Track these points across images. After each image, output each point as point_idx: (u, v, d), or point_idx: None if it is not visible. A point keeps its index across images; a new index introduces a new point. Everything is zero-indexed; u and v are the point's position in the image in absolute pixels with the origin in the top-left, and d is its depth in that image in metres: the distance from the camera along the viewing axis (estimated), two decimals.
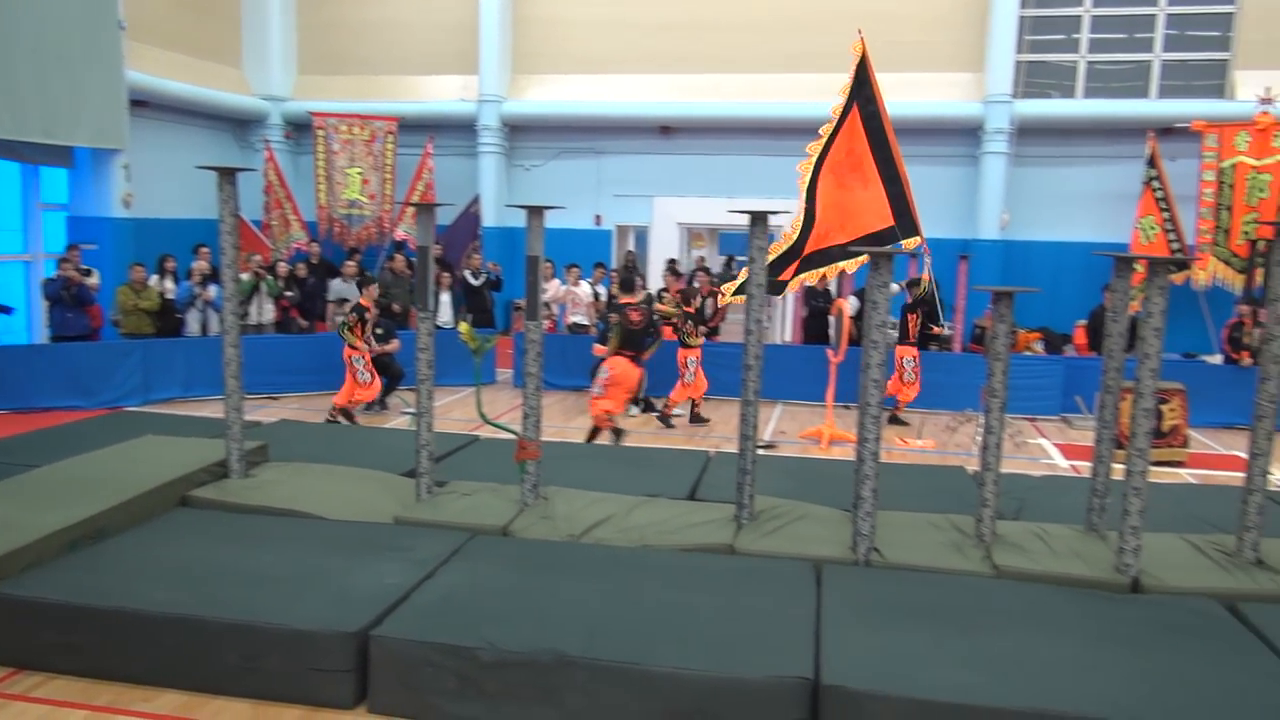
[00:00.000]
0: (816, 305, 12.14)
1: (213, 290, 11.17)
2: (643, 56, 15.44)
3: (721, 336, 12.06)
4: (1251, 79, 13.23)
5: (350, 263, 12.79)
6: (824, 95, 14.53)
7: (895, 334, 10.71)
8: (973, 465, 7.04)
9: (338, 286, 12.45)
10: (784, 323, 14.28)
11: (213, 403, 9.54)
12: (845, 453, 8.66)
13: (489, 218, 15.18)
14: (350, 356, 9.84)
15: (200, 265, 11.36)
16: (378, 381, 10.08)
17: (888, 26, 14.60)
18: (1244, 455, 5.21)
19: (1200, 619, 4.43)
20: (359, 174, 15.11)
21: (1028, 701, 3.64)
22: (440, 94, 15.94)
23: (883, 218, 9.35)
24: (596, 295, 12.63)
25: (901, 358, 10.36)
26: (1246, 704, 3.67)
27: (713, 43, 15.17)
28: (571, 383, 11.52)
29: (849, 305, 10.12)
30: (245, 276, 11.29)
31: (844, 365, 9.52)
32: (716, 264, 19.40)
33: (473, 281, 12.94)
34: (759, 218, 5.42)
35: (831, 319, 10.83)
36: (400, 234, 14.74)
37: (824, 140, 9.60)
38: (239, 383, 5.98)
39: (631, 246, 16.11)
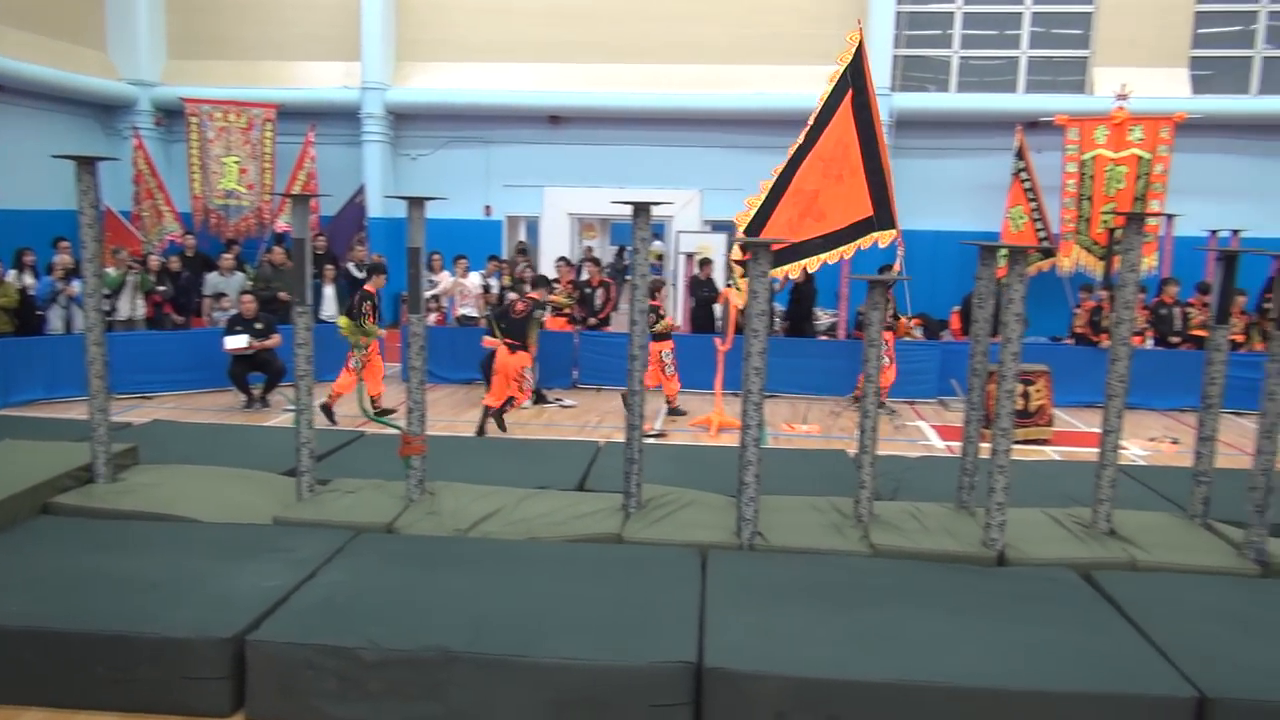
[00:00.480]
0: (703, 295, 12.30)
1: (76, 285, 10.60)
2: (531, 45, 15.33)
3: (611, 327, 12.11)
4: (1109, 76, 14.00)
5: (228, 255, 12.33)
6: (713, 86, 14.85)
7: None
8: (854, 449, 7.28)
9: (214, 280, 11.99)
10: (677, 312, 14.42)
11: (79, 404, 9.08)
12: (734, 440, 8.81)
13: (375, 208, 14.85)
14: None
15: (63, 260, 10.76)
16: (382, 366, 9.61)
17: (771, 19, 14.93)
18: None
19: (1058, 587, 4.70)
20: (236, 163, 14.57)
21: (898, 673, 3.80)
22: (321, 80, 15.49)
23: (862, 208, 9.49)
24: (486, 287, 12.51)
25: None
26: (1097, 664, 3.91)
27: (603, 32, 15.18)
28: (461, 376, 11.39)
29: (734, 295, 10.27)
30: (112, 271, 10.76)
31: (732, 353, 9.68)
32: (608, 254, 19.43)
33: (357, 274, 12.64)
34: (641, 209, 5.46)
35: (718, 308, 11.01)
36: (281, 225, 14.27)
37: (809, 128, 9.72)
38: (104, 382, 5.71)
39: (523, 237, 16.00)
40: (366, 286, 9.63)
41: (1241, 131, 14.22)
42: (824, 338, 12.73)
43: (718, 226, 14.94)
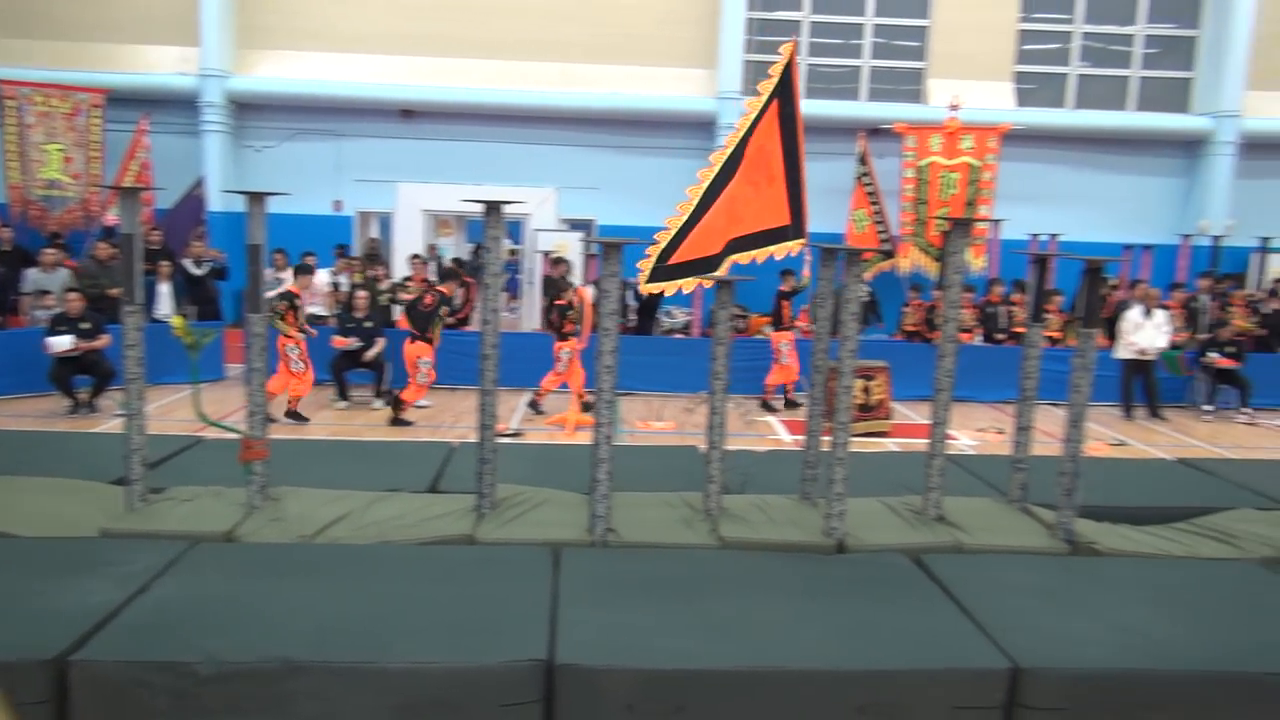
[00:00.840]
0: (557, 294, 12.31)
1: None
2: (383, 36, 14.99)
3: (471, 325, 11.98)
4: (943, 87, 14.85)
5: (50, 250, 11.53)
6: (568, 84, 14.89)
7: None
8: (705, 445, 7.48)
9: (34, 276, 11.18)
10: (534, 311, 14.39)
11: None
12: (590, 437, 8.89)
13: (216, 201, 14.17)
14: (285, 346, 9.47)
15: None
16: (311, 369, 9.77)
17: (625, 19, 15.09)
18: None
19: (891, 572, 4.97)
20: (60, 151, 13.62)
21: (743, 660, 3.94)
22: (156, 65, 14.68)
23: (780, 216, 9.69)
24: (336, 285, 12.14)
25: (777, 343, 11.00)
26: (924, 642, 4.16)
27: (457, 26, 14.98)
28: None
29: (589, 293, 10.36)
30: None
31: (589, 352, 9.76)
32: (465, 252, 19.19)
33: (194, 271, 12.04)
34: (493, 207, 5.44)
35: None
36: (111, 218, 13.43)
37: (739, 136, 9.90)
38: None
39: (375, 233, 15.61)
40: (290, 287, 9.70)
41: (1060, 143, 15.35)
42: (678, 335, 12.99)
43: (574, 225, 15.00)
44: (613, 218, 15.15)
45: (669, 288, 9.96)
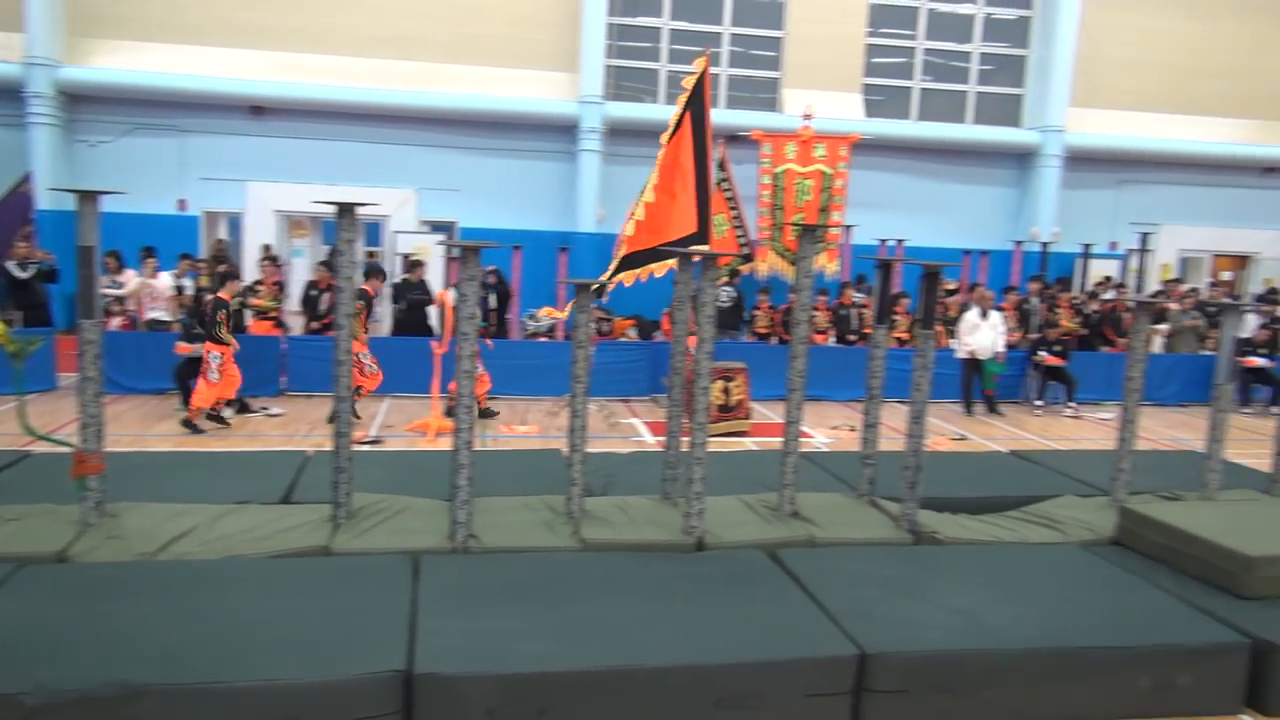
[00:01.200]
0: (414, 298, 12.11)
1: None
2: (230, 28, 14.35)
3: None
4: (797, 97, 15.36)
5: None
6: (427, 84, 14.63)
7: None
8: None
9: None
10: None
11: None
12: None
13: (44, 199, 13.23)
14: (209, 353, 9.21)
15: None
16: (229, 375, 9.48)
17: (485, 19, 14.96)
18: (802, 427, 6.06)
19: (748, 567, 5.14)
20: None
21: (604, 660, 3.99)
22: None
23: (689, 225, 10.04)
24: (179, 289, 11.56)
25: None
26: (778, 633, 4.31)
27: (309, 20, 14.50)
28: (152, 385, 10.48)
29: (451, 296, 10.22)
30: None
31: (450, 356, 9.64)
32: (322, 253, 18.55)
33: (19, 274, 11.22)
34: (346, 209, 5.32)
35: (434, 310, 10.89)
36: None
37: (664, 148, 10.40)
38: None
39: (223, 234, 14.92)
40: (221, 294, 9.42)
41: (905, 153, 16.11)
42: (543, 339, 12.98)
43: (435, 227, 14.76)
44: (475, 220, 14.98)
45: (627, 278, 10.20)
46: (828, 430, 10.55)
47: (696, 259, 5.80)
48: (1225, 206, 17.39)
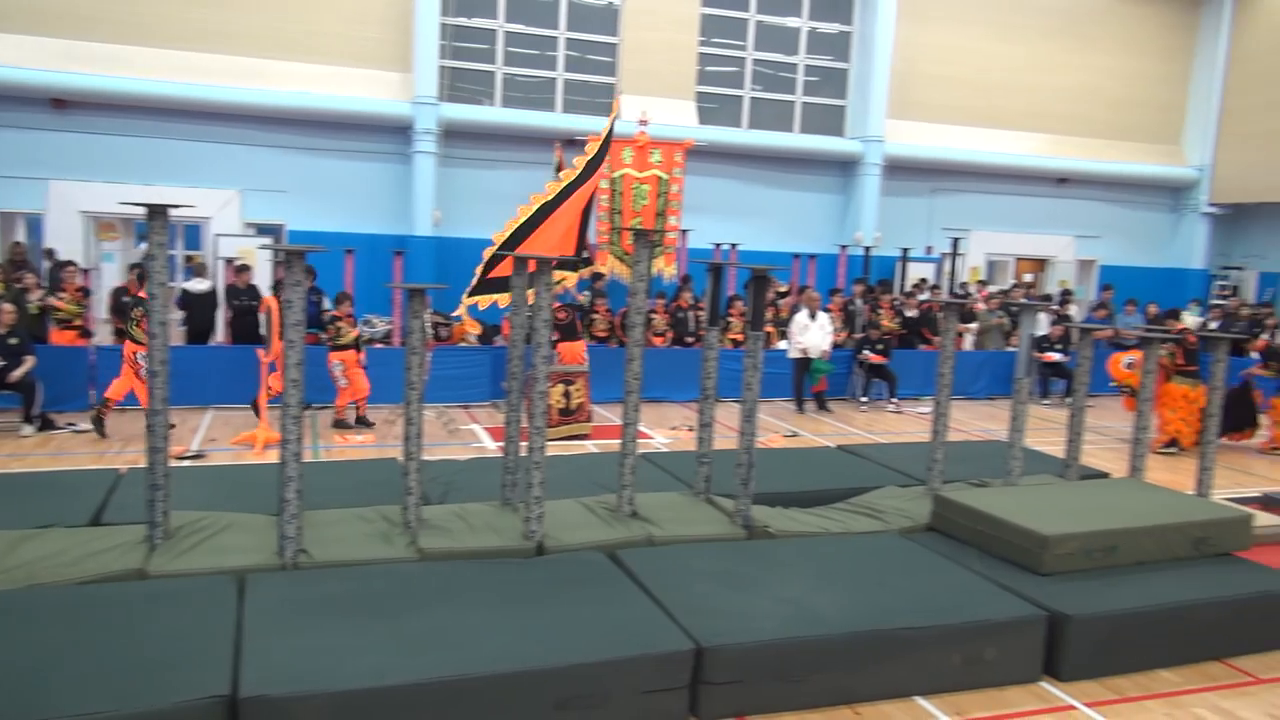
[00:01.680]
0: (241, 304, 11.56)
1: None
2: (27, 13, 13.25)
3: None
4: (633, 103, 15.56)
5: None
6: (250, 80, 13.98)
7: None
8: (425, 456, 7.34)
9: None
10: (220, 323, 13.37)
11: None
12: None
13: None
14: (135, 353, 8.89)
15: None
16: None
17: (310, 14, 14.44)
18: (642, 428, 6.15)
19: (588, 569, 5.18)
20: None
21: (440, 671, 3.94)
22: None
23: (570, 248, 11.24)
24: None
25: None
26: (618, 632, 4.37)
27: (117, 8, 13.56)
28: None
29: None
30: None
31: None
32: (136, 256, 17.41)
33: None
34: (157, 210, 5.02)
35: (262, 317, 10.41)
36: None
37: (576, 173, 11.39)
38: None
39: (21, 237, 13.75)
40: (140, 293, 9.27)
41: (738, 159, 16.64)
42: (379, 345, 12.62)
43: (261, 230, 14.13)
44: (304, 223, 14.43)
45: (483, 301, 10.48)
46: (667, 431, 10.75)
47: (532, 260, 5.80)
48: (1026, 214, 18.86)
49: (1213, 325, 15.10)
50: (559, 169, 14.40)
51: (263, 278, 12.78)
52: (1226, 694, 4.88)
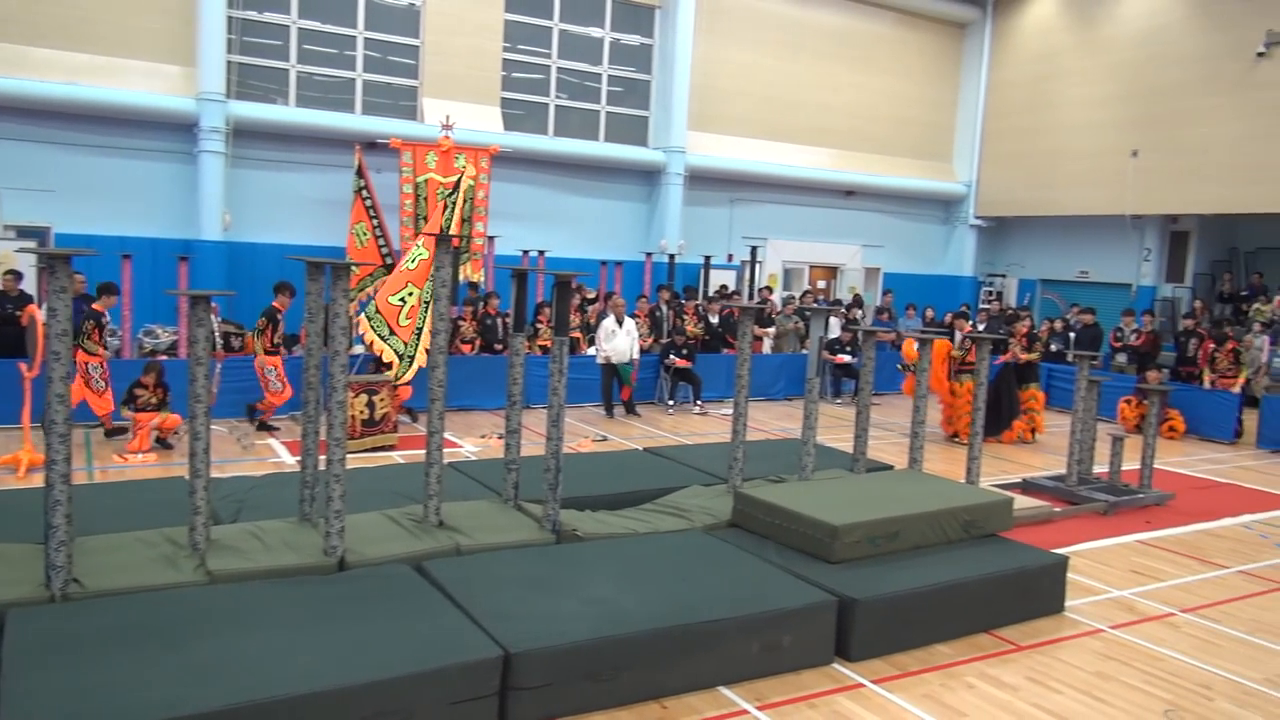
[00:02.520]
0: (6, 313, 10.50)
1: None
2: None
3: None
4: (437, 106, 15.33)
5: None
6: (13, 69, 12.71)
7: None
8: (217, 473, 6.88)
9: None
10: None
11: None
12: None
13: None
14: (86, 364, 9.28)
15: None
16: (110, 390, 9.59)
17: (85, 0, 13.33)
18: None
19: (392, 583, 5.05)
20: None
21: (230, 700, 3.73)
22: None
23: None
24: None
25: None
26: (424, 645, 4.28)
27: None
28: None
29: (42, 313, 8.98)
30: None
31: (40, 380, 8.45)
32: None
33: None
34: None
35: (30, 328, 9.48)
36: None
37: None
38: None
39: None
40: (95, 305, 9.57)
41: (545, 167, 16.71)
42: (163, 356, 11.79)
43: (22, 232, 12.89)
44: (74, 226, 13.27)
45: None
46: (476, 439, 10.63)
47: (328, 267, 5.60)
48: (818, 224, 19.99)
49: (980, 327, 16.53)
50: (360, 172, 13.98)
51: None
52: (993, 662, 5.37)
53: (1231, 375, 13.51)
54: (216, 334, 9.80)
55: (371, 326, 10.70)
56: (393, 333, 9.84)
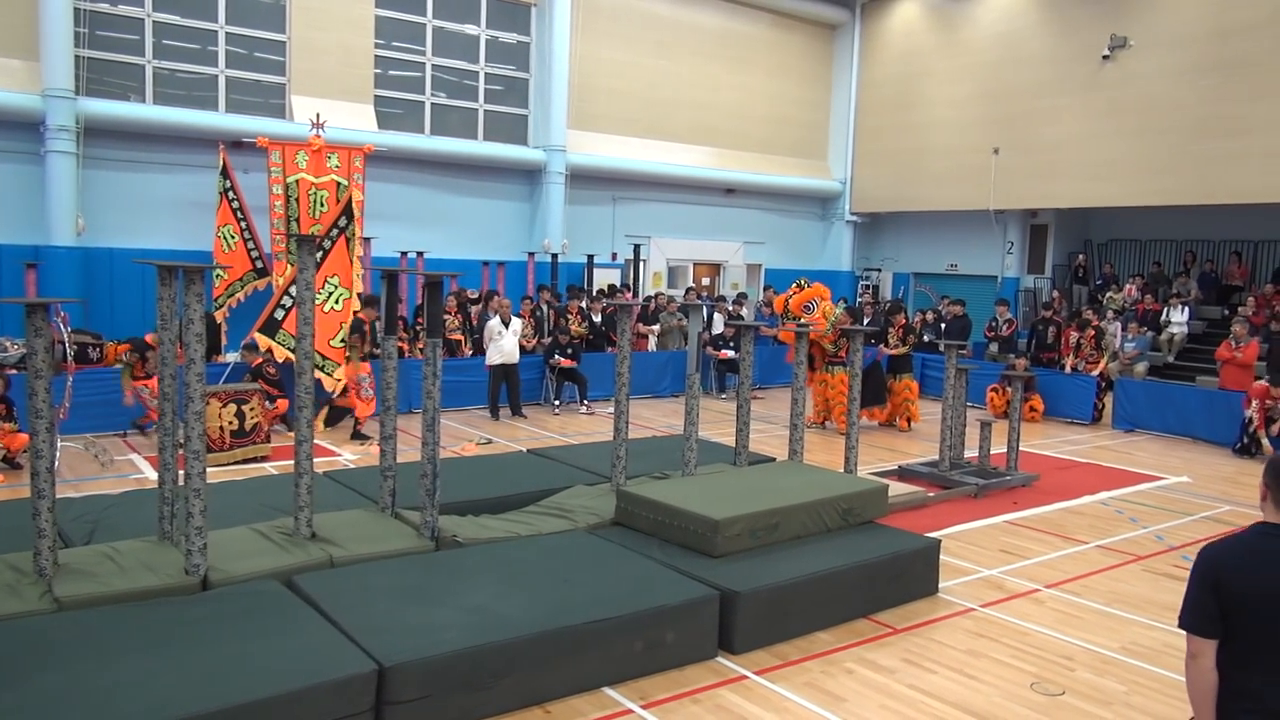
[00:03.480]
0: None
1: None
2: None
3: None
4: (306, 104, 14.81)
5: None
6: None
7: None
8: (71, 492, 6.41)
9: None
10: None
11: None
12: None
13: None
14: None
15: None
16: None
17: None
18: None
19: (260, 600, 4.82)
20: None
21: None
22: None
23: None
24: None
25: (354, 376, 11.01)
26: (293, 664, 4.09)
27: None
28: None
29: None
30: None
31: None
32: None
33: None
34: None
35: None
36: None
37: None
38: None
39: None
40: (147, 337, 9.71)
41: (423, 166, 16.35)
42: (11, 371, 11.01)
43: None
44: None
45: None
46: (355, 446, 10.31)
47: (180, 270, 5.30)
48: (700, 222, 20.20)
49: (865, 321, 17.00)
50: (225, 172, 13.39)
51: None
52: (871, 646, 5.49)
53: (1094, 360, 14.28)
54: (68, 344, 9.20)
55: (279, 343, 10.70)
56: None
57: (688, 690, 4.84)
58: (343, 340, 11.08)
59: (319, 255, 11.13)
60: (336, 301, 11.50)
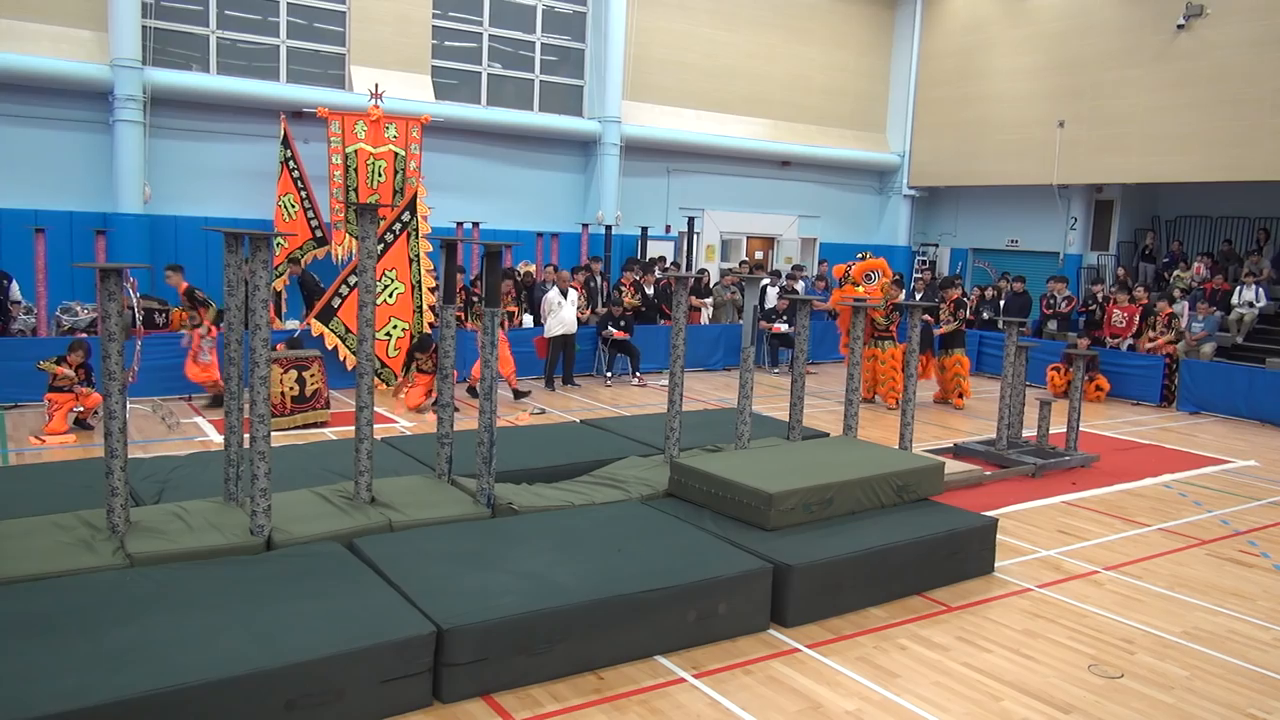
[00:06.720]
0: None
1: None
2: None
3: None
4: (365, 75, 14.92)
5: None
6: None
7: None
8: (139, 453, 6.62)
9: None
10: None
11: None
12: None
13: None
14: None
15: None
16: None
17: None
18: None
19: (322, 561, 4.94)
20: None
21: (149, 685, 3.60)
22: None
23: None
24: None
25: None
26: (354, 623, 4.19)
27: None
28: None
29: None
30: None
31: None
32: None
33: None
34: None
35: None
36: None
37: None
38: None
39: None
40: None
41: (478, 137, 16.39)
42: (82, 334, 11.34)
43: None
44: None
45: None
46: (412, 413, 10.47)
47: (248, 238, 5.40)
48: (755, 194, 19.99)
49: (917, 296, 16.76)
50: (286, 142, 13.58)
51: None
52: (924, 623, 5.45)
53: (1168, 341, 13.90)
54: (136, 310, 9.45)
55: (332, 330, 11.01)
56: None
57: (740, 661, 4.86)
58: (397, 351, 11.59)
59: (380, 248, 11.33)
60: (390, 295, 11.73)
